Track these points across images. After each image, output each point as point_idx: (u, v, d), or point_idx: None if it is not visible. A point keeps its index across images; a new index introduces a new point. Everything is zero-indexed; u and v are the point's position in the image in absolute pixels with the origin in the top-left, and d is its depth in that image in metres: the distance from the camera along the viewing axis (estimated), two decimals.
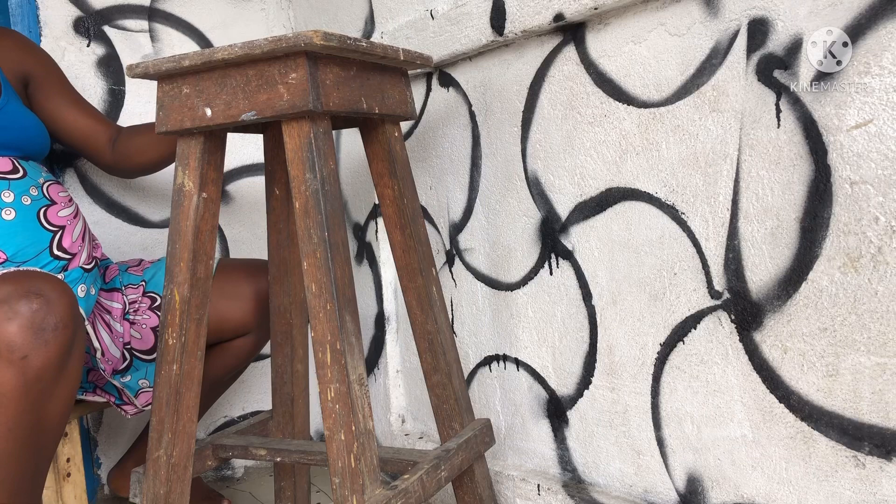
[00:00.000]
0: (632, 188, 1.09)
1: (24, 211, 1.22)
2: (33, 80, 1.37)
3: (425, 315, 1.15)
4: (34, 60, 1.39)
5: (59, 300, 1.00)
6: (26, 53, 1.38)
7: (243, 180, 1.85)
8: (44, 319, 0.97)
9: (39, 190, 1.24)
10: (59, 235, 1.25)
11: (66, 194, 1.30)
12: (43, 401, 1.01)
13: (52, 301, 0.99)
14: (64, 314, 1.00)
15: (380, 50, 1.00)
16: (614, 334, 1.15)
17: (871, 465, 0.86)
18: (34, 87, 1.38)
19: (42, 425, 1.03)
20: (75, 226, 1.29)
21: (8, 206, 1.21)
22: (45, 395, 1.01)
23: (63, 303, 1.00)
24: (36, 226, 1.23)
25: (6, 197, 1.20)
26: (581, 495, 1.20)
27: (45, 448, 1.06)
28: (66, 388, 1.04)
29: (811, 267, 0.90)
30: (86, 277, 1.28)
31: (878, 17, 0.81)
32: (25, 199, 1.22)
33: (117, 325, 1.37)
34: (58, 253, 1.24)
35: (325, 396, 0.91)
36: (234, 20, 1.83)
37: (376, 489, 0.92)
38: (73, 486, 1.26)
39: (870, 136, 0.83)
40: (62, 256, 1.25)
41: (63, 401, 1.05)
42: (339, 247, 0.93)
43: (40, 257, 1.22)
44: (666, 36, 1.02)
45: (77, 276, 1.26)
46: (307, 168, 0.92)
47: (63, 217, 1.27)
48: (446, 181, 1.44)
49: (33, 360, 0.96)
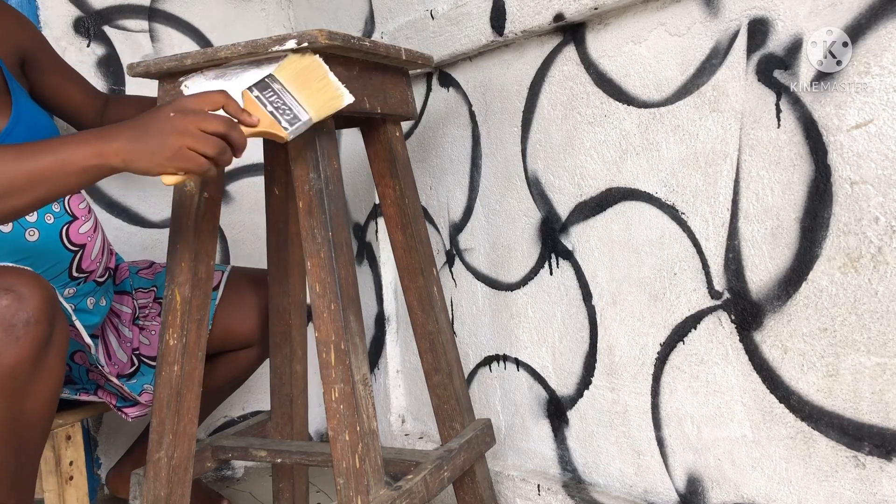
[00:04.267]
0: (632, 188, 1.10)
1: (47, 231, 1.19)
2: (29, 59, 1.34)
3: (426, 315, 1.15)
4: (28, 37, 1.34)
5: (31, 295, 0.95)
6: (20, 30, 1.33)
7: (243, 180, 1.85)
8: (14, 315, 0.94)
9: (61, 204, 1.22)
10: (79, 255, 1.23)
11: (85, 205, 1.26)
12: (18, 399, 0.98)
13: (23, 297, 0.96)
14: (37, 310, 0.96)
15: (382, 49, 1.00)
16: (614, 334, 1.15)
17: (871, 465, 0.87)
18: (30, 65, 1.34)
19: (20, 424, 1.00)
20: (95, 242, 1.27)
21: (32, 227, 1.18)
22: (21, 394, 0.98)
23: (36, 298, 0.96)
24: (59, 247, 1.21)
25: (29, 216, 1.17)
26: (581, 495, 1.20)
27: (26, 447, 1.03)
28: (44, 385, 1.01)
29: (811, 267, 0.90)
30: (97, 291, 1.27)
31: (878, 17, 0.82)
32: (49, 218, 1.20)
33: (126, 329, 1.37)
34: (76, 274, 1.23)
35: (330, 397, 0.91)
36: (235, 20, 1.82)
37: (381, 490, 0.92)
38: (75, 490, 1.26)
39: (870, 136, 0.83)
40: (79, 276, 1.24)
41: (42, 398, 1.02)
42: (342, 247, 0.93)
43: (59, 278, 1.21)
44: (666, 36, 1.03)
45: (89, 290, 1.25)
46: (311, 167, 0.92)
47: (84, 234, 1.24)
48: (446, 181, 1.44)
49: (4, 357, 0.94)
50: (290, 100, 0.89)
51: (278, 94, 0.89)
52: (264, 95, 0.90)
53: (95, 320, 1.28)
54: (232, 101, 0.89)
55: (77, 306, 1.24)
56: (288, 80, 0.91)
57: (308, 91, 0.90)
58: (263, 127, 0.89)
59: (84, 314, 1.26)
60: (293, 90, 0.90)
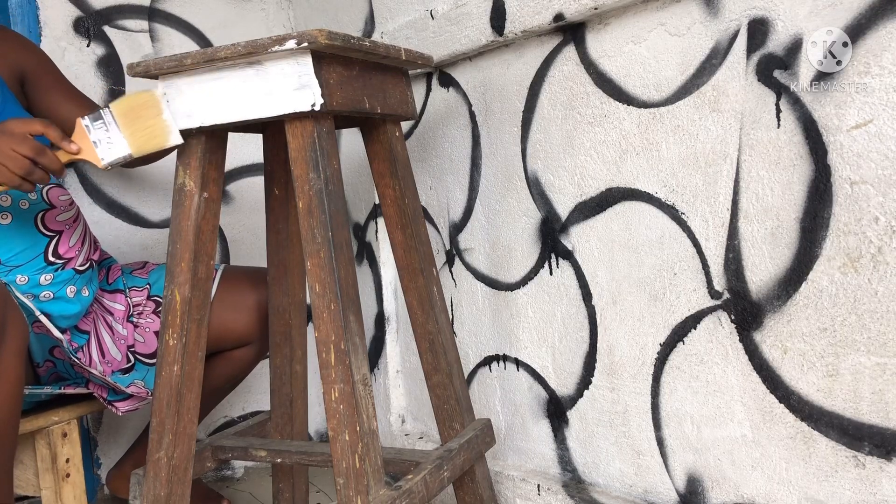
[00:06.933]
0: (632, 188, 1.10)
1: (21, 215, 1.21)
2: (29, 78, 1.36)
3: (426, 315, 1.15)
4: (28, 58, 1.37)
5: None
6: (21, 51, 1.37)
7: (243, 180, 1.85)
8: None
9: (39, 194, 1.24)
10: (55, 241, 1.24)
11: (66, 198, 1.29)
12: None
13: None
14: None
15: (382, 49, 1.00)
16: (614, 334, 1.15)
17: (871, 465, 0.87)
18: (30, 84, 1.37)
19: None
20: (74, 230, 1.28)
21: (5, 211, 1.20)
22: None
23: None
24: (33, 230, 1.22)
25: (3, 201, 1.20)
26: (581, 495, 1.20)
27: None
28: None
29: (811, 267, 0.90)
30: (77, 279, 1.28)
31: (878, 17, 0.82)
32: (23, 204, 1.22)
33: (119, 326, 1.37)
34: (52, 259, 1.24)
35: (330, 396, 0.91)
36: (235, 20, 1.83)
37: (381, 489, 0.92)
38: (72, 487, 1.26)
39: (870, 136, 0.83)
40: (56, 262, 1.24)
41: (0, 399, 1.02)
42: (342, 246, 0.93)
43: (34, 262, 1.22)
44: (666, 36, 1.03)
45: (67, 277, 1.26)
46: (311, 167, 0.92)
47: (61, 222, 1.26)
48: (446, 181, 1.44)
49: None
50: (116, 133, 1.02)
51: (106, 126, 1.02)
52: (93, 125, 1.02)
53: (76, 309, 1.28)
54: (52, 129, 1.04)
55: (56, 294, 1.25)
56: (119, 115, 1.02)
57: (134, 127, 1.02)
58: (83, 155, 1.04)
59: (63, 303, 1.26)
60: (122, 125, 1.02)
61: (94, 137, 1.02)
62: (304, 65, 0.91)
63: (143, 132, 1.02)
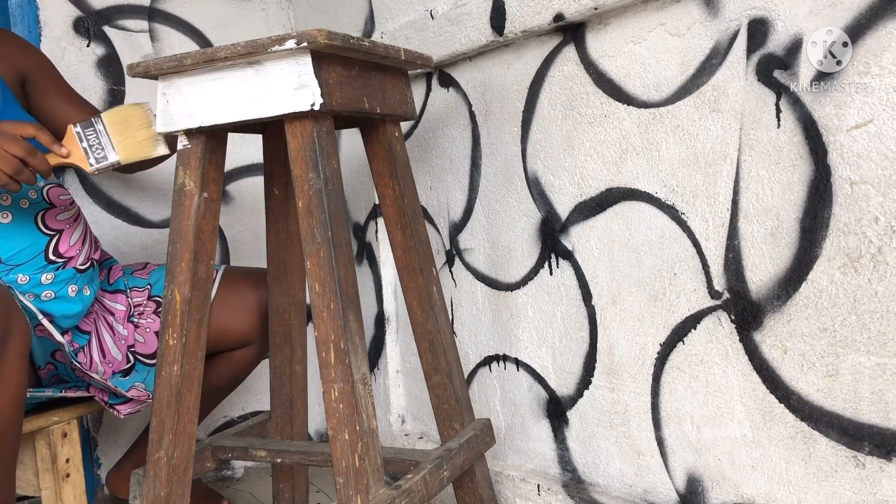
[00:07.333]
0: (632, 188, 1.10)
1: (21, 214, 1.22)
2: (29, 80, 1.37)
3: (426, 315, 1.15)
4: (29, 60, 1.38)
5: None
6: (21, 53, 1.37)
7: (243, 180, 1.85)
8: None
9: (39, 193, 1.24)
10: (55, 239, 1.25)
11: (67, 197, 1.29)
12: None
13: None
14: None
15: (382, 49, 1.00)
16: (614, 334, 1.15)
17: (871, 465, 0.87)
18: (31, 86, 1.38)
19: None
20: (74, 229, 1.29)
21: (5, 210, 1.20)
22: None
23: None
24: (33, 229, 1.22)
25: (3, 200, 1.20)
26: (581, 495, 1.20)
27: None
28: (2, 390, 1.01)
29: (811, 267, 0.90)
30: (78, 278, 1.28)
31: (878, 17, 0.82)
32: (23, 203, 1.22)
33: (120, 327, 1.37)
34: (53, 258, 1.24)
35: (329, 396, 0.91)
36: (235, 20, 1.83)
37: (380, 489, 0.92)
38: (72, 487, 1.26)
39: (870, 136, 0.83)
40: (56, 261, 1.24)
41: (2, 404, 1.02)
42: (342, 246, 0.93)
43: (35, 261, 1.22)
44: (666, 36, 1.03)
45: (68, 276, 1.26)
46: (310, 167, 0.92)
47: (62, 221, 1.26)
48: (446, 181, 1.44)
49: None
50: (106, 141, 1.09)
51: (97, 134, 1.09)
52: (85, 132, 1.09)
53: (77, 308, 1.28)
54: (44, 133, 1.09)
55: (57, 293, 1.25)
56: (110, 124, 1.10)
57: (123, 136, 1.10)
58: (73, 159, 1.10)
59: (65, 302, 1.26)
60: (112, 133, 1.09)
61: (85, 144, 1.08)
62: (303, 65, 0.91)
63: (132, 142, 1.10)
